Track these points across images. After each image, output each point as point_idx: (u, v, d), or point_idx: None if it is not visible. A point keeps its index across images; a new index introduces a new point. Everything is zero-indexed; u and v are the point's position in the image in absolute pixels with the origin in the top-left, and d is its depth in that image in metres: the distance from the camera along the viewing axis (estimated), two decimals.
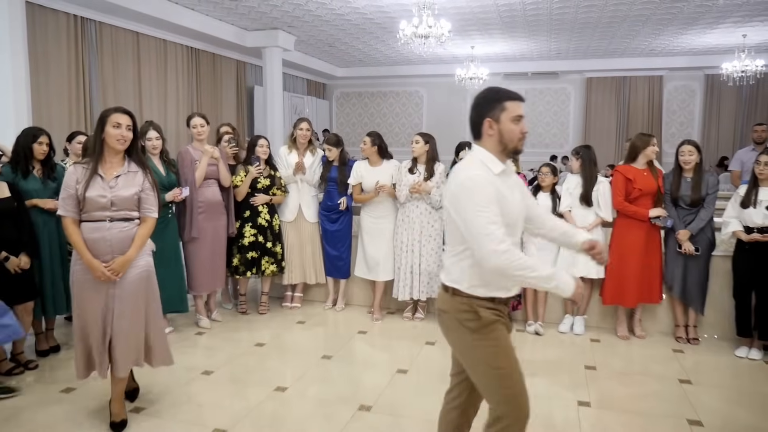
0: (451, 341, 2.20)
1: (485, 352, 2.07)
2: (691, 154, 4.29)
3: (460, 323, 2.10)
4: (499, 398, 2.08)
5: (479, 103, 2.12)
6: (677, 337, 4.48)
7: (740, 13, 8.59)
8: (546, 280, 1.98)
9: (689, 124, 12.80)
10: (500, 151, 2.09)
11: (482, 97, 2.13)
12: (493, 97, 2.09)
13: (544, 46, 11.12)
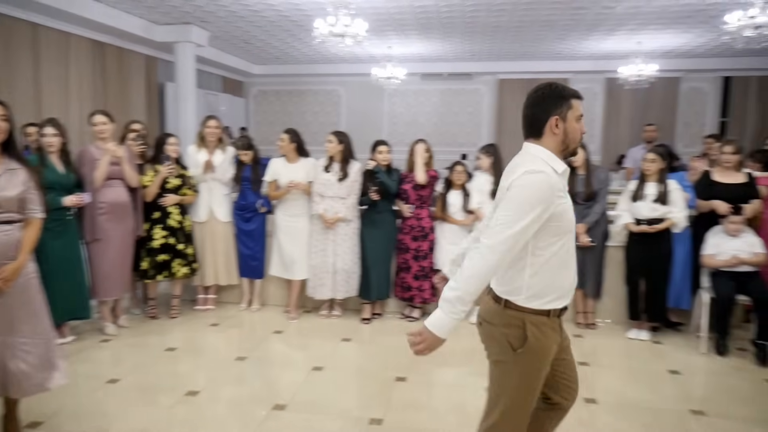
0: (489, 351, 2.09)
1: (517, 376, 1.99)
2: (580, 153, 4.60)
3: (506, 338, 1.97)
4: (499, 420, 2.03)
5: (544, 99, 1.98)
6: (577, 323, 4.79)
7: (635, 22, 9.23)
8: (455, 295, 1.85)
9: (592, 124, 13.59)
10: (561, 150, 1.99)
11: (547, 93, 1.98)
12: (560, 94, 1.97)
13: (459, 47, 11.45)
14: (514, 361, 1.96)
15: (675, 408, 3.36)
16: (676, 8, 8.37)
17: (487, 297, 2.06)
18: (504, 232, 1.82)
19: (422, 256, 4.82)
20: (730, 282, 4.17)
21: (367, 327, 4.80)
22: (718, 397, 3.55)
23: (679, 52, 11.60)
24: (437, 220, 4.89)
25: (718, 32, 8.30)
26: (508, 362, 1.98)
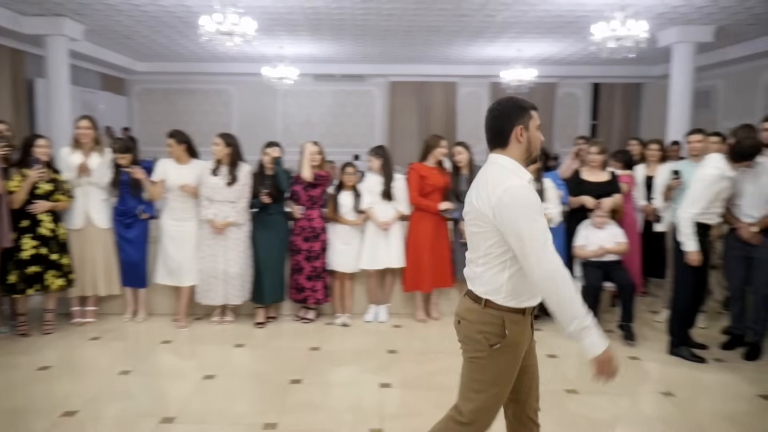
0: (465, 348, 2.15)
1: (494, 369, 2.07)
2: (461, 153, 4.85)
3: (483, 335, 2.06)
4: (477, 407, 2.10)
5: (508, 111, 2.10)
6: None
7: (515, 30, 9.82)
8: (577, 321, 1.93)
9: (479, 126, 14.22)
10: (525, 158, 2.10)
11: (510, 106, 2.11)
12: (521, 106, 2.10)
13: (351, 49, 11.56)
14: (490, 356, 2.06)
15: (553, 389, 3.63)
16: (550, 19, 9.01)
17: (465, 297, 2.16)
18: (541, 247, 1.93)
19: (314, 256, 4.82)
20: (597, 271, 4.57)
21: (261, 331, 4.72)
22: (589, 376, 3.88)
23: (555, 59, 12.49)
24: (329, 220, 4.92)
25: (587, 42, 9.05)
26: (484, 358, 2.08)
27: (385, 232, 4.84)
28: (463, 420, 2.13)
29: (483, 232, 2.07)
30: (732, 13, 8.45)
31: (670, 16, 8.66)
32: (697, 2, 7.97)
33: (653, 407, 3.46)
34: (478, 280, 2.11)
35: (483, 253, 2.09)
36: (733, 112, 11.64)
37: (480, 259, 2.10)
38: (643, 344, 4.40)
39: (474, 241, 2.14)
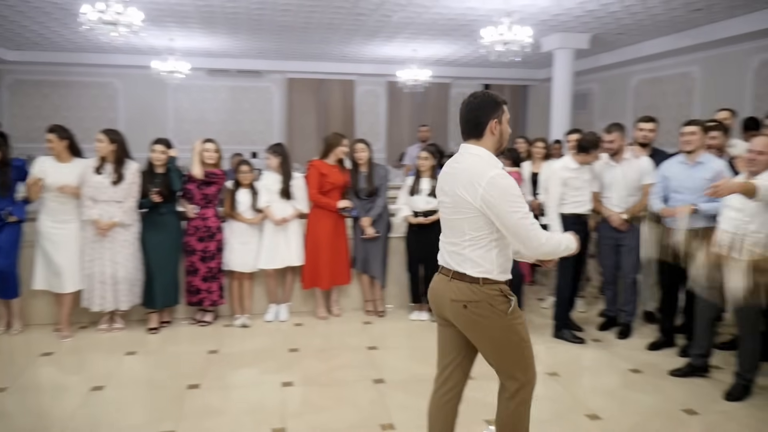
0: (479, 329, 2.28)
1: (518, 328, 2.30)
2: (363, 151, 4.92)
3: (494, 308, 2.24)
4: (524, 366, 2.33)
5: (485, 104, 2.27)
6: (366, 311, 5.10)
7: (410, 31, 10.06)
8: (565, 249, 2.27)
9: (377, 124, 14.50)
10: (496, 148, 2.28)
11: (487, 99, 2.28)
12: (495, 100, 2.28)
13: (246, 44, 11.27)
14: (510, 324, 2.27)
15: None
16: (443, 22, 9.33)
17: (459, 283, 2.27)
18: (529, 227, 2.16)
19: (210, 257, 4.68)
20: None
21: (154, 337, 4.51)
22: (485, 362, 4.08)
23: (449, 60, 12.95)
24: (225, 219, 4.79)
25: (478, 45, 9.46)
26: (503, 326, 2.27)
27: (284, 230, 4.79)
28: (519, 387, 2.33)
29: (468, 219, 2.22)
30: (605, 23, 9.21)
31: (552, 23, 9.28)
32: (575, 12, 8.60)
33: (541, 387, 3.67)
34: (469, 262, 2.25)
35: (468, 237, 2.24)
36: (607, 113, 12.69)
37: (465, 242, 2.25)
38: (531, 330, 4.64)
39: (455, 226, 2.28)
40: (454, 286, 2.29)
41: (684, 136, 3.98)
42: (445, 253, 2.35)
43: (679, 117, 10.51)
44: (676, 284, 4.20)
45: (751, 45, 9.23)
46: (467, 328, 2.32)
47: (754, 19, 8.38)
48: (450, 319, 2.36)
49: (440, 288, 2.36)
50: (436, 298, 2.40)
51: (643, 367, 3.94)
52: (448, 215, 2.31)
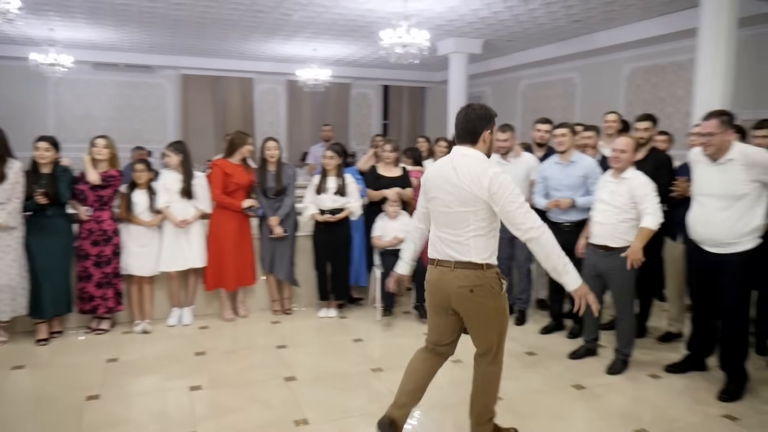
0: (481, 309, 2.60)
1: (502, 308, 2.65)
2: (275, 149, 4.89)
3: (492, 289, 2.57)
4: (503, 336, 2.71)
5: (483, 116, 2.61)
6: (274, 311, 5.07)
7: (310, 30, 10.05)
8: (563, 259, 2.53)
9: (277, 123, 14.32)
10: (485, 153, 2.64)
11: (484, 112, 2.63)
12: (490, 114, 2.64)
13: (137, 38, 10.70)
14: (501, 302, 2.63)
15: (360, 369, 3.89)
16: (343, 22, 9.41)
17: (465, 271, 2.56)
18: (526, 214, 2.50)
19: (105, 261, 4.43)
20: (394, 258, 4.92)
21: (44, 349, 4.20)
22: (392, 354, 4.23)
23: (348, 60, 13.07)
24: (122, 221, 4.57)
25: (377, 47, 9.65)
26: (498, 305, 2.62)
27: (185, 231, 4.65)
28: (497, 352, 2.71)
29: (475, 211, 2.55)
30: (495, 30, 9.75)
31: (447, 28, 9.67)
32: (468, 18, 9.03)
33: (446, 374, 3.87)
34: (474, 251, 2.56)
35: (473, 228, 2.56)
36: (499, 113, 13.37)
37: (470, 232, 2.56)
38: None
39: (460, 219, 2.57)
40: (459, 274, 2.58)
41: (557, 138, 4.37)
42: (444, 246, 2.62)
43: (563, 119, 11.33)
44: None
45: (623, 54, 10.19)
46: (470, 309, 2.62)
47: (626, 31, 9.27)
48: (454, 305, 2.64)
49: (442, 279, 2.62)
50: (438, 289, 2.66)
51: (537, 350, 4.26)
52: (452, 209, 2.58)
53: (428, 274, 2.74)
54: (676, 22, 8.35)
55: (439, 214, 2.65)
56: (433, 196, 2.66)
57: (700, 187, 3.50)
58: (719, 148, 3.34)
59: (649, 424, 3.12)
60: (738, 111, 4.60)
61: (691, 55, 6.79)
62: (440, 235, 2.64)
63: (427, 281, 2.74)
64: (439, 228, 2.65)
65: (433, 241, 2.69)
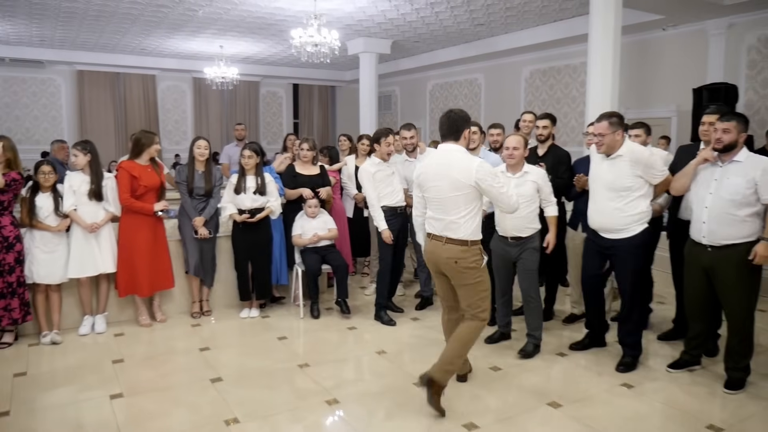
0: (461, 278, 3.19)
1: (483, 279, 3.21)
2: (205, 149, 4.79)
3: (471, 263, 3.16)
4: (486, 298, 3.24)
5: (463, 118, 3.23)
6: (193, 313, 4.97)
7: (216, 27, 9.82)
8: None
9: (183, 122, 13.85)
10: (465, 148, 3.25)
11: (463, 114, 3.25)
12: (468, 117, 3.28)
13: (25, 31, 9.95)
14: (483, 271, 3.21)
15: (286, 366, 3.92)
16: (251, 20, 9.29)
17: (452, 246, 3.15)
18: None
19: (7, 270, 4.14)
20: (315, 256, 5.02)
21: None
22: (317, 349, 4.30)
23: (257, 58, 12.89)
24: (25, 227, 4.29)
25: (288, 45, 9.62)
26: (480, 275, 3.20)
27: (95, 234, 4.44)
28: (480, 311, 3.21)
29: (464, 195, 3.11)
30: (403, 31, 10.03)
31: (357, 28, 9.82)
32: (377, 19, 9.22)
33: (372, 366, 4.02)
34: (461, 229, 3.14)
35: (465, 210, 3.13)
36: (407, 113, 13.77)
37: (461, 213, 3.12)
38: (358, 315, 5.04)
39: (454, 203, 3.12)
40: (448, 248, 3.16)
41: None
42: (438, 225, 3.20)
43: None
44: None
45: (523, 57, 10.83)
46: (454, 276, 3.22)
47: (525, 36, 9.86)
48: (445, 273, 3.25)
49: (435, 250, 3.23)
50: (433, 256, 3.27)
51: None
52: (445, 195, 3.14)
53: (426, 245, 3.37)
54: (569, 28, 9.02)
55: (435, 200, 3.20)
56: (428, 186, 3.22)
57: (595, 180, 3.87)
58: (610, 146, 3.71)
59: (560, 397, 3.42)
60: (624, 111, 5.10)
61: (584, 58, 7.38)
62: (436, 216, 3.21)
63: (424, 251, 3.38)
64: (435, 211, 3.22)
65: (429, 220, 3.27)
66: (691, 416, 3.20)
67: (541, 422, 3.15)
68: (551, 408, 3.29)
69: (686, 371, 3.78)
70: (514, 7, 8.35)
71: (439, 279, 3.38)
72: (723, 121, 3.41)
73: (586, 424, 3.10)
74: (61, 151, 7.22)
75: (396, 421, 3.18)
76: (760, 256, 3.28)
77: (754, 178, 3.29)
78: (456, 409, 3.28)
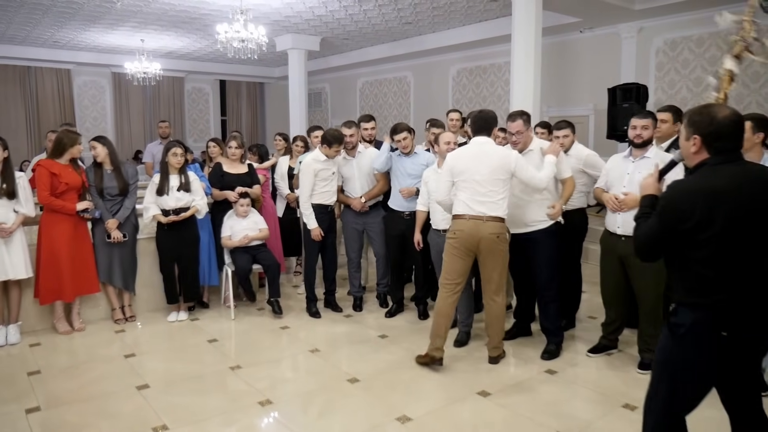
0: (499, 252, 3.68)
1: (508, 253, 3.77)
2: (96, 148, 4.56)
3: (506, 236, 3.74)
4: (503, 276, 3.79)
5: (493, 117, 3.84)
6: (116, 320, 4.76)
7: (136, 20, 9.41)
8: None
9: (102, 119, 13.19)
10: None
11: (493, 114, 3.85)
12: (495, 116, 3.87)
13: None
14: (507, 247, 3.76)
15: (217, 369, 3.84)
16: (173, 13, 8.98)
17: (494, 223, 3.62)
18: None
19: None
20: (246, 256, 4.93)
21: None
22: (249, 350, 4.23)
23: (181, 53, 12.47)
24: None
25: (213, 40, 9.37)
26: (506, 249, 3.75)
27: (4, 239, 4.16)
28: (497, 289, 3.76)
29: (504, 180, 3.63)
30: (332, 28, 10.00)
31: (284, 24, 9.70)
32: (305, 15, 9.15)
33: (306, 364, 4.01)
34: (500, 208, 3.64)
35: (502, 191, 3.64)
36: (338, 110, 13.75)
37: (500, 195, 3.63)
38: (290, 314, 4.99)
39: (495, 186, 3.61)
40: (490, 224, 3.61)
41: (405, 141, 4.69)
42: (477, 205, 3.61)
43: (399, 116, 12.02)
44: (402, 261, 4.93)
45: (450, 56, 11.06)
46: (492, 252, 3.66)
47: (451, 35, 10.07)
48: (482, 249, 3.65)
49: (476, 228, 3.61)
50: (471, 235, 3.61)
51: (388, 332, 4.54)
52: (487, 178, 3.59)
53: (459, 224, 3.66)
54: (494, 28, 9.30)
55: (473, 183, 3.62)
56: (464, 172, 3.64)
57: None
58: (525, 143, 3.90)
59: (489, 386, 3.54)
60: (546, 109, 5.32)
61: (508, 58, 7.63)
62: (474, 197, 3.62)
63: (458, 230, 3.66)
64: (471, 194, 3.62)
65: (464, 201, 3.65)
66: (608, 397, 3.40)
67: (472, 411, 3.25)
68: (481, 397, 3.40)
69: (605, 355, 4.01)
70: (440, 6, 8.51)
71: (460, 261, 3.69)
72: (640, 118, 3.69)
73: (513, 410, 3.23)
74: None
75: (330, 419, 3.19)
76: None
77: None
78: (390, 401, 3.33)
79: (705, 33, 7.85)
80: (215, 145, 5.65)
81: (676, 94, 8.18)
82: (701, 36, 7.92)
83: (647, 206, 2.16)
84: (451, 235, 3.72)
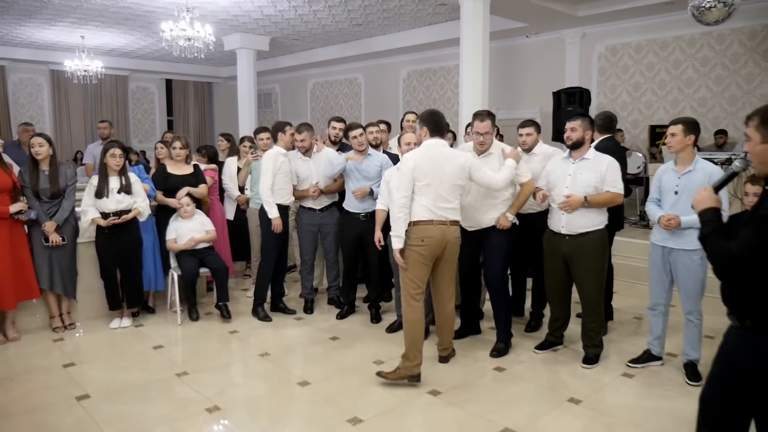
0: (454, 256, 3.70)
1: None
2: (41, 146, 4.35)
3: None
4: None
5: (443, 119, 3.72)
6: (54, 328, 4.55)
7: (75, 15, 9.06)
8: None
9: (40, 118, 12.62)
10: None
11: (444, 119, 3.75)
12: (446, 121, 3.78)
13: None
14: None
15: (163, 376, 3.73)
16: (115, 9, 8.70)
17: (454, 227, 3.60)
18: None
19: None
20: (193, 259, 4.81)
21: None
22: (197, 356, 4.12)
23: (124, 51, 12.07)
24: None
25: (158, 38, 9.11)
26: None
27: None
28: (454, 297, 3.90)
29: (463, 185, 3.67)
30: (282, 28, 9.90)
31: (232, 23, 9.54)
32: (254, 15, 9.02)
33: (255, 369, 3.93)
34: (458, 213, 3.64)
35: (459, 197, 3.64)
36: (288, 111, 13.62)
37: (458, 199, 3.62)
38: (239, 318, 4.90)
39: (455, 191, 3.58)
40: (453, 229, 3.58)
41: (357, 138, 4.68)
42: (440, 210, 3.51)
43: (350, 117, 11.99)
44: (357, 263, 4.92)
45: (401, 58, 11.13)
46: (452, 255, 3.66)
47: (401, 37, 10.14)
48: (445, 253, 3.59)
49: (443, 233, 3.52)
50: (439, 241, 3.52)
51: (339, 334, 4.52)
52: (449, 183, 3.52)
53: (427, 231, 3.49)
54: (443, 31, 9.43)
55: (437, 187, 3.50)
56: (427, 175, 3.47)
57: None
58: (489, 144, 3.93)
59: (439, 385, 3.57)
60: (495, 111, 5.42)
61: (457, 61, 7.74)
62: (436, 203, 3.50)
63: (427, 237, 3.49)
64: (434, 199, 3.50)
65: (428, 207, 3.49)
66: (555, 392, 3.49)
67: (422, 411, 3.28)
68: (431, 396, 3.43)
69: (551, 351, 4.11)
70: (390, 9, 8.56)
71: (429, 266, 3.60)
72: (570, 121, 3.81)
73: (463, 408, 3.27)
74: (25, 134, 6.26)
75: (281, 423, 3.15)
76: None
77: (601, 172, 3.67)
78: (341, 404, 3.31)
79: (643, 40, 8.20)
80: (163, 146, 5.51)
81: (617, 98, 8.51)
82: (639, 43, 8.26)
83: (713, 220, 1.89)
84: (419, 242, 3.49)
